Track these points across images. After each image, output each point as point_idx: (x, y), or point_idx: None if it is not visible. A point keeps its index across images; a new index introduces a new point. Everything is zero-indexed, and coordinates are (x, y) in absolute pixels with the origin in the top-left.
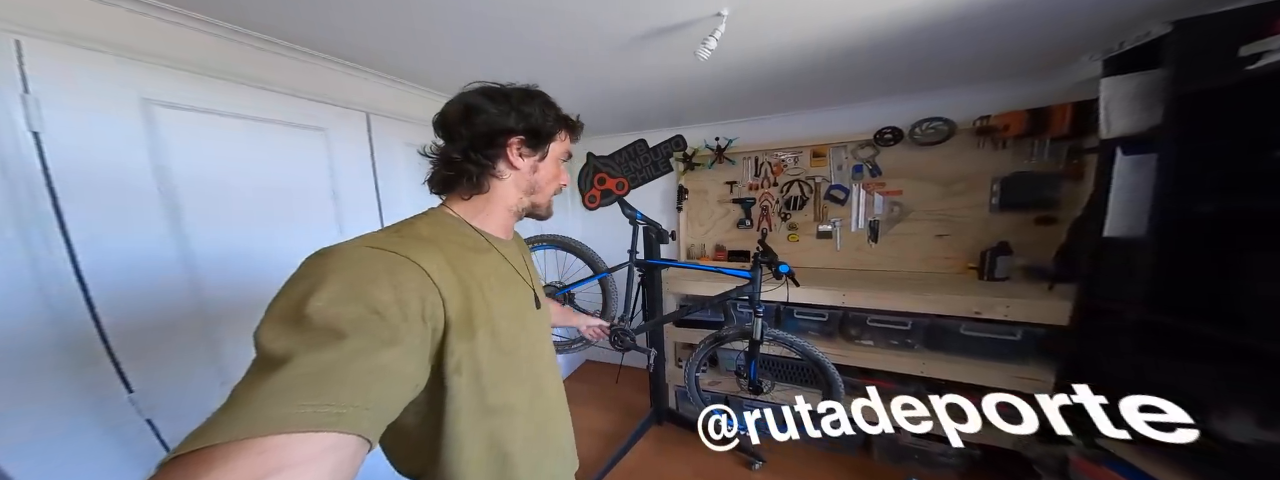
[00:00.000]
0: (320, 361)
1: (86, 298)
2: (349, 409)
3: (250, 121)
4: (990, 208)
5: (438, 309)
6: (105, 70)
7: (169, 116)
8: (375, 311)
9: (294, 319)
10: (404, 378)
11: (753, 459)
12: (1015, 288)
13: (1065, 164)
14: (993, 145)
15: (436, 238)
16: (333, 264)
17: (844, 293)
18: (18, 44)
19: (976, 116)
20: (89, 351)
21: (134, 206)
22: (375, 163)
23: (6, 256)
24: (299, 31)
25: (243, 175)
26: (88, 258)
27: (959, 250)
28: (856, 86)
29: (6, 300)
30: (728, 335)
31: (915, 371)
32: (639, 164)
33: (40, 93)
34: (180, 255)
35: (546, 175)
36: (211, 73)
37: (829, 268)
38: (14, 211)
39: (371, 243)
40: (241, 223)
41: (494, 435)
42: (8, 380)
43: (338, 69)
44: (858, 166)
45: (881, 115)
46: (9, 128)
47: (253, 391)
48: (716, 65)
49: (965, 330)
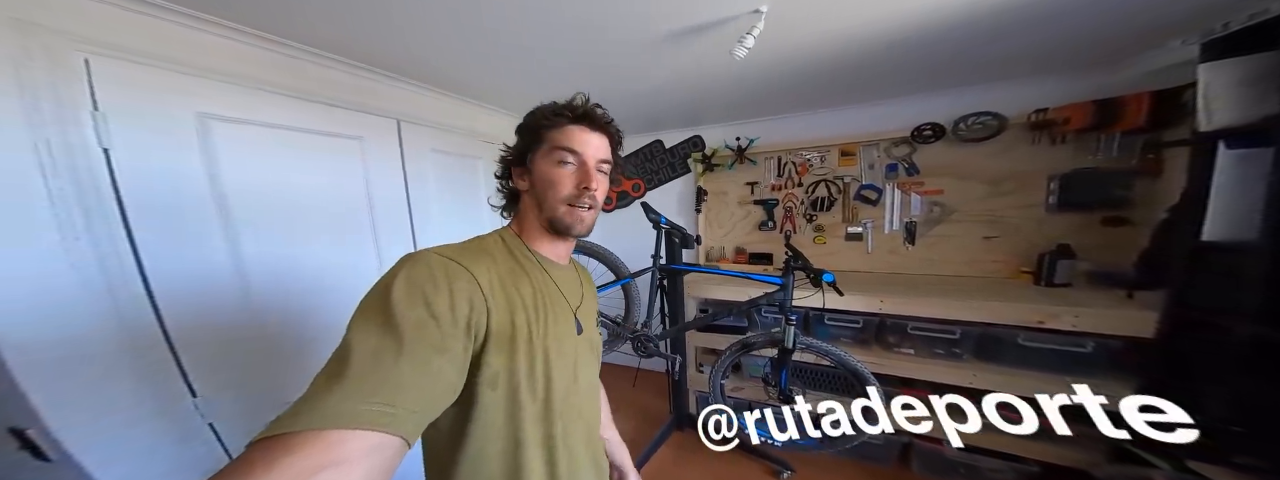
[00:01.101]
0: (384, 364)
1: (153, 304)
2: (400, 410)
3: (295, 133)
4: (1046, 207)
5: (482, 318)
6: (165, 86)
7: (222, 129)
8: (433, 315)
9: (375, 316)
10: (447, 384)
11: (780, 468)
12: (1080, 295)
13: (1140, 159)
14: (1050, 140)
15: (497, 252)
16: (410, 267)
17: (881, 299)
18: (87, 63)
19: (1031, 110)
20: (157, 356)
21: (192, 217)
22: (406, 168)
23: (81, 264)
24: (347, 43)
25: (287, 185)
26: (153, 265)
27: (1010, 253)
28: (893, 81)
29: (82, 304)
30: (756, 342)
31: (964, 383)
32: (656, 165)
33: (108, 110)
34: (233, 263)
35: (542, 182)
36: (261, 85)
37: (860, 271)
38: (87, 223)
39: (443, 251)
40: (287, 231)
41: (518, 464)
42: (86, 379)
43: (373, 78)
44: (892, 165)
45: (919, 111)
46: (82, 145)
47: (330, 386)
48: (744, 64)
49: (1024, 340)
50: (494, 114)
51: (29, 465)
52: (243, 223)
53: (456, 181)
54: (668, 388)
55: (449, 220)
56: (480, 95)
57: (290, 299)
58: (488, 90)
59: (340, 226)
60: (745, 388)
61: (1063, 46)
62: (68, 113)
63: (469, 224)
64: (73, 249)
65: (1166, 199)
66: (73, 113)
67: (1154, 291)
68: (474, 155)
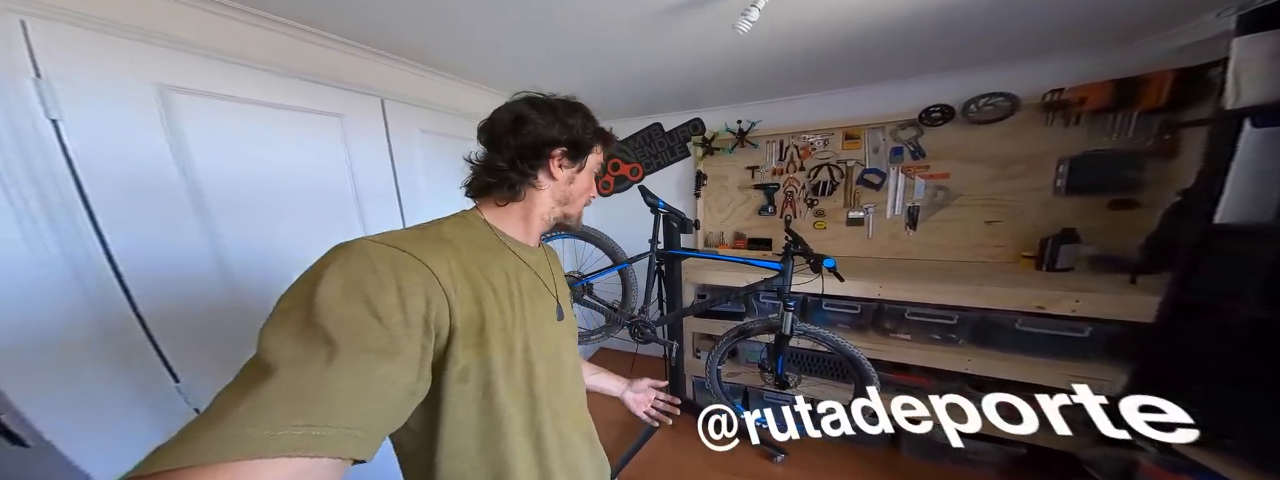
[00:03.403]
0: (308, 376)
1: (124, 290)
2: (331, 430)
3: (267, 108)
4: (1054, 191)
5: (443, 314)
6: (118, 54)
7: (186, 103)
8: (376, 315)
9: (297, 318)
10: (400, 391)
11: (774, 452)
12: (1082, 280)
13: (1156, 140)
14: (1064, 121)
15: (458, 239)
16: (343, 259)
17: (881, 284)
18: (23, 24)
19: (1046, 90)
20: (132, 340)
21: (158, 195)
22: (392, 149)
23: (38, 246)
24: (313, 13)
25: (262, 163)
26: (119, 247)
27: (1011, 238)
28: (904, 62)
29: (44, 290)
30: (753, 328)
31: (959, 368)
32: (655, 149)
33: (53, 78)
34: (210, 244)
35: (581, 187)
36: (225, 56)
37: (860, 256)
38: (42, 201)
39: (387, 240)
40: (265, 212)
41: (498, 458)
42: (58, 367)
43: (351, 52)
44: (897, 149)
45: (927, 93)
46: (26, 115)
47: (237, 403)
48: (747, 42)
49: (1021, 325)
50: (483, 93)
51: (7, 451)
52: (215, 201)
53: (448, 163)
54: (665, 373)
55: (440, 203)
56: (468, 74)
57: (272, 282)
58: (478, 70)
59: (323, 207)
60: (742, 373)
61: (1090, 20)
62: (6, 79)
63: (463, 207)
64: (29, 231)
65: (1179, 181)
66: (11, 79)
67: (1158, 276)
68: (465, 136)
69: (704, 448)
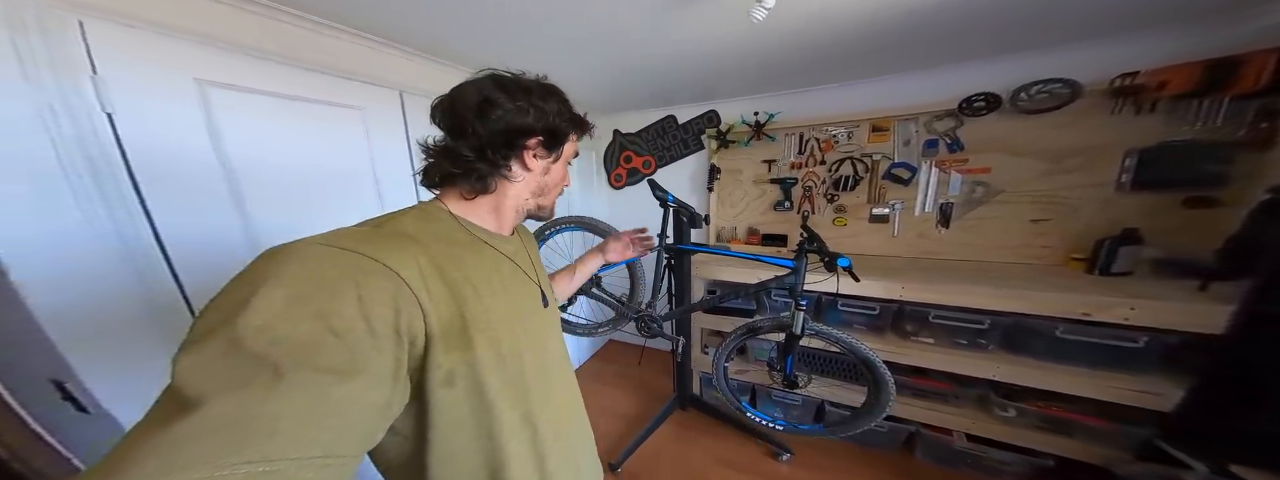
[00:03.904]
0: (243, 407)
1: (169, 265)
2: (282, 463)
3: (293, 101)
4: (1117, 186)
5: (417, 320)
6: (162, 51)
7: (221, 96)
8: (332, 331)
9: (223, 340)
10: (367, 408)
11: (780, 450)
12: (1141, 285)
13: (1249, 129)
14: (1135, 109)
15: (423, 235)
16: (281, 268)
17: (903, 285)
18: (81, 25)
19: (1116, 74)
20: (176, 317)
21: (198, 181)
22: (410, 142)
23: (96, 227)
24: (334, 6)
25: (290, 154)
26: (166, 229)
27: (1061, 238)
28: (946, 47)
29: (101, 268)
30: (763, 326)
31: (986, 374)
32: (667, 142)
33: (107, 74)
34: (244, 228)
35: (556, 177)
36: (256, 52)
37: (883, 256)
38: (98, 187)
39: (337, 241)
40: (292, 199)
41: (493, 455)
42: (113, 338)
43: (371, 46)
44: (931, 141)
45: (969, 81)
46: (84, 109)
47: (155, 444)
48: (770, 28)
49: (1063, 332)
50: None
51: (73, 416)
52: (247, 187)
53: None
54: (671, 367)
55: None
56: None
57: None
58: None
59: (346, 197)
60: (749, 370)
61: None
62: (67, 77)
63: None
64: (89, 214)
65: (1271, 177)
66: (72, 77)
67: (1234, 283)
68: None
69: (708, 442)
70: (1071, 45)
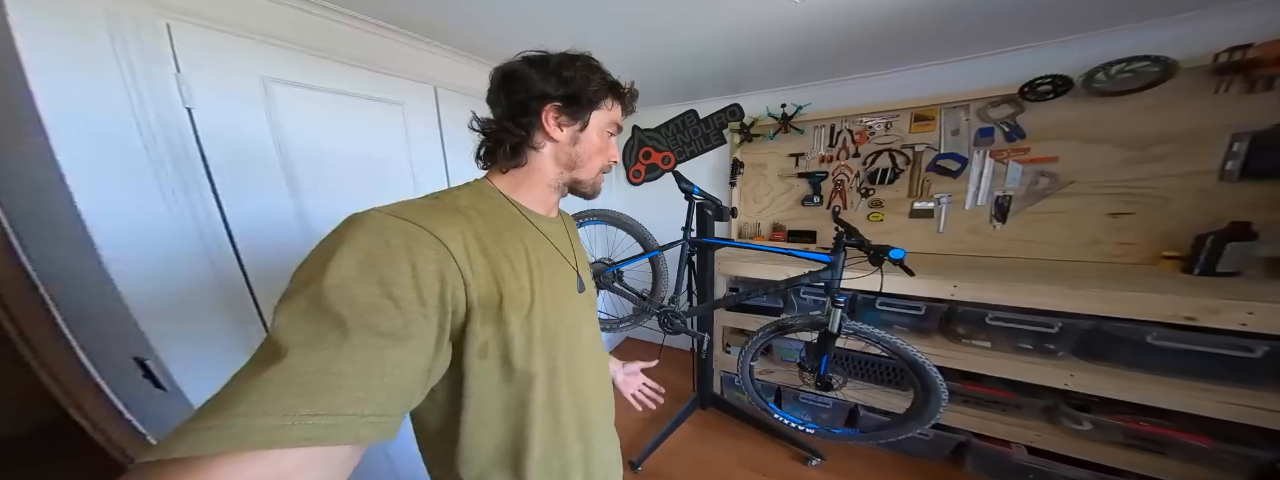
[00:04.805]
0: (317, 362)
1: (234, 248)
2: (345, 418)
3: (344, 96)
4: (1220, 175)
5: (459, 290)
6: (235, 51)
7: (282, 92)
8: (389, 296)
9: (310, 295)
10: (416, 372)
11: (810, 455)
12: (1253, 287)
13: None
14: (1245, 87)
15: (472, 210)
16: (355, 233)
17: (954, 283)
18: (169, 27)
19: (1222, 49)
20: (241, 299)
21: (261, 170)
22: (443, 135)
23: (176, 211)
24: (383, 8)
25: (339, 145)
26: (233, 214)
27: (1144, 234)
28: (1009, 26)
29: (179, 252)
30: (794, 324)
31: (1056, 383)
32: (688, 137)
33: (188, 72)
34: (298, 213)
35: (589, 148)
36: (314, 51)
37: (929, 253)
38: (178, 174)
39: (401, 212)
40: (340, 190)
41: (520, 429)
42: (186, 317)
43: (410, 43)
44: (986, 129)
45: (1032, 63)
46: (168, 104)
47: (249, 388)
48: (808, 9)
49: (1155, 339)
50: None
51: (152, 393)
52: (302, 176)
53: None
54: (692, 366)
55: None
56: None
57: None
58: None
59: (386, 183)
60: (776, 371)
61: None
62: (155, 75)
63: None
64: (169, 197)
65: None
66: (160, 74)
67: None
68: None
69: (730, 443)
70: (1157, 19)
